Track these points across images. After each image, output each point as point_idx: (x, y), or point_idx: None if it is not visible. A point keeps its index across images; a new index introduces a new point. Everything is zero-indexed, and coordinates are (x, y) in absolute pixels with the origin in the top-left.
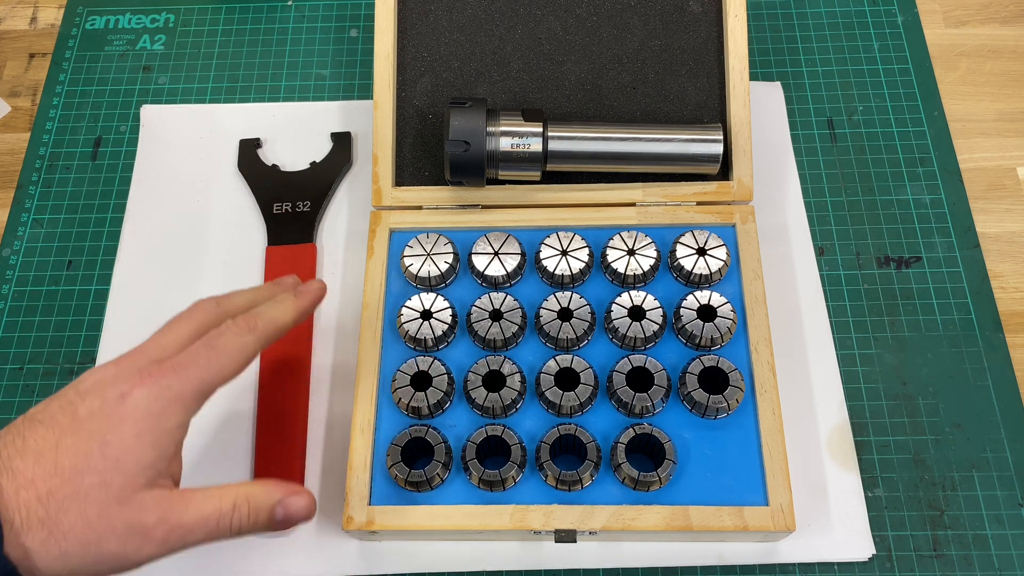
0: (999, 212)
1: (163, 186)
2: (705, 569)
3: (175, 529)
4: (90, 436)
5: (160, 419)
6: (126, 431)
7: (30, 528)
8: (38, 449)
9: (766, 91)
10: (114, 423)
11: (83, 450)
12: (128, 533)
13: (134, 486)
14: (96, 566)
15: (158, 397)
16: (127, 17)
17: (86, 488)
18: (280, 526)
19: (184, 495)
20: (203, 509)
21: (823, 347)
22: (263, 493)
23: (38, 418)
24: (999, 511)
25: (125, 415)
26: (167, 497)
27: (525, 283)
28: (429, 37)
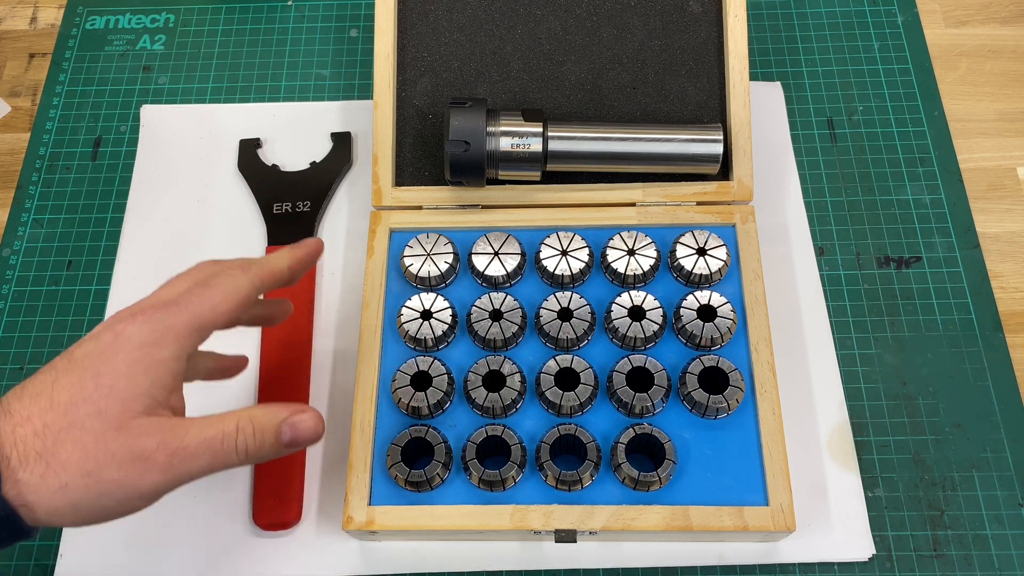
0: (999, 212)
1: (163, 186)
2: (705, 569)
3: (177, 453)
4: (83, 371)
5: (153, 349)
6: (119, 361)
7: (27, 462)
8: (35, 391)
9: (766, 91)
10: (107, 357)
11: (77, 383)
12: (128, 459)
13: (130, 412)
14: (100, 498)
15: (151, 330)
16: (127, 17)
17: (81, 418)
18: (288, 447)
19: (184, 421)
20: (205, 432)
21: (823, 347)
22: (266, 413)
23: (39, 369)
24: (999, 511)
25: (118, 348)
26: (166, 422)
27: (525, 283)
28: (429, 37)
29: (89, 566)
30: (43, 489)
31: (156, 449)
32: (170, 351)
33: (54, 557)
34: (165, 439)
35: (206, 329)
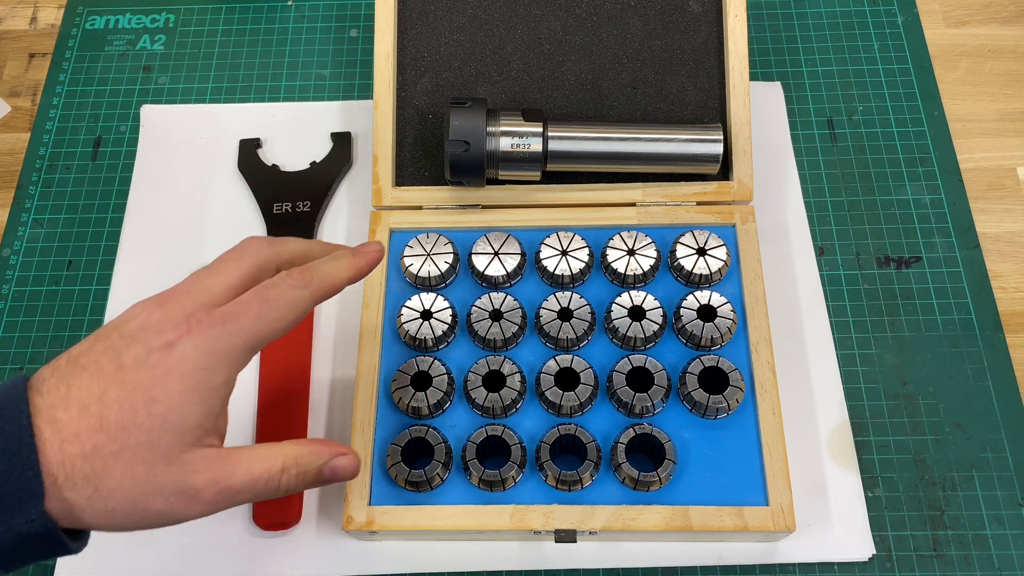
0: (999, 212)
1: (163, 186)
2: (705, 569)
3: (224, 491)
4: (136, 390)
5: (208, 375)
6: (172, 387)
7: (75, 484)
8: (82, 400)
9: (766, 91)
10: (160, 377)
11: (129, 405)
12: (176, 493)
13: (182, 445)
14: (141, 523)
15: (206, 351)
16: (127, 17)
17: (132, 447)
18: (324, 483)
19: (232, 456)
20: (252, 471)
21: (823, 347)
22: (310, 455)
23: (81, 361)
24: (999, 511)
25: (171, 368)
26: (215, 457)
27: (525, 283)
28: (429, 37)
29: (89, 566)
30: (88, 510)
31: (204, 487)
32: (223, 376)
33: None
34: (213, 477)
35: (260, 346)
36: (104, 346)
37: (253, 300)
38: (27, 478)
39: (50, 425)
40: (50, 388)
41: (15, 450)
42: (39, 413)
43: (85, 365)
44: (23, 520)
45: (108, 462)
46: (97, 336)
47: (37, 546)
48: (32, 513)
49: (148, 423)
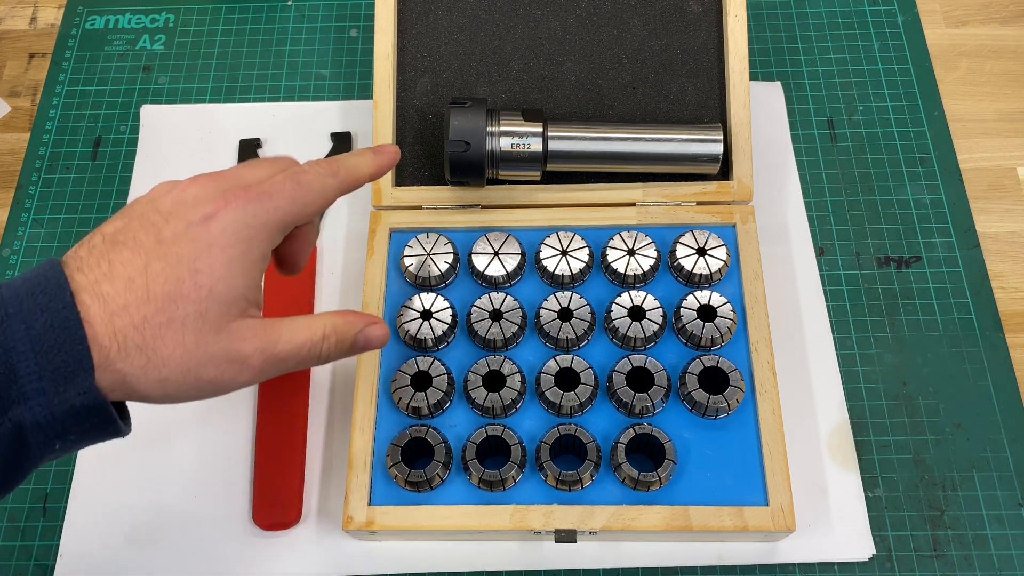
0: (999, 212)
1: None
2: (705, 569)
3: (270, 358)
4: (179, 262)
5: (248, 247)
6: (216, 258)
7: (128, 353)
8: (127, 274)
9: (766, 91)
10: (202, 248)
11: (174, 276)
12: (226, 361)
13: (228, 315)
14: (194, 391)
15: (245, 224)
16: (127, 17)
17: (182, 316)
18: (359, 351)
19: (276, 325)
20: (295, 339)
21: (823, 347)
22: (346, 324)
23: (119, 238)
24: (999, 511)
25: (213, 240)
26: (261, 326)
27: (525, 283)
28: (429, 37)
29: (89, 566)
30: (143, 379)
31: (252, 354)
32: (261, 250)
33: (54, 557)
34: (260, 344)
35: (292, 226)
36: (140, 222)
37: (287, 181)
38: (77, 351)
39: (97, 299)
40: (91, 265)
41: (62, 325)
42: (84, 289)
43: (123, 241)
44: (76, 392)
45: (159, 332)
46: (129, 213)
47: (90, 421)
48: (84, 385)
49: (195, 293)
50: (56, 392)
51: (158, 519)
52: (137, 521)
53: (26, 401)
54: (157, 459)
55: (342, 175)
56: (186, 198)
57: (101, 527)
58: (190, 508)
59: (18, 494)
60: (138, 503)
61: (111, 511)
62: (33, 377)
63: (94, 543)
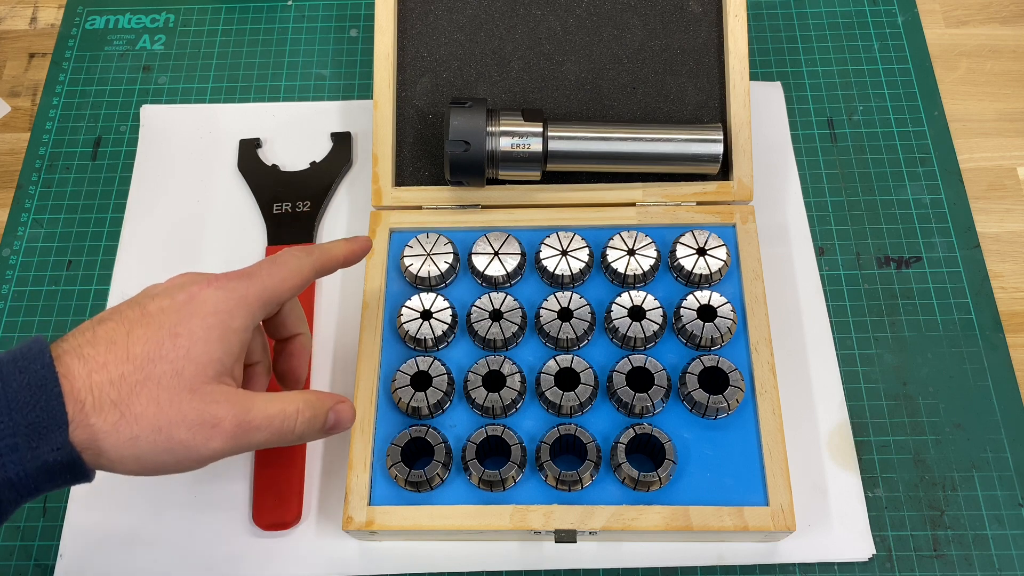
0: (999, 212)
1: (163, 186)
2: (705, 569)
3: (243, 425)
4: (160, 327)
5: (228, 317)
6: (195, 324)
7: (102, 409)
8: (109, 338)
9: (766, 91)
10: (184, 317)
11: (154, 339)
12: (198, 424)
13: (204, 377)
14: (164, 454)
15: (226, 298)
16: (127, 17)
17: (158, 375)
18: (329, 432)
19: (249, 394)
20: (268, 409)
21: (823, 347)
22: (318, 401)
23: (105, 316)
24: (999, 511)
25: (194, 310)
26: (235, 394)
27: (525, 283)
28: (429, 37)
29: (89, 566)
30: (114, 437)
31: (225, 417)
32: (241, 321)
33: (54, 557)
34: (233, 409)
35: (272, 303)
36: (128, 304)
37: (265, 263)
38: (52, 407)
39: (78, 359)
40: (76, 335)
41: (39, 384)
42: (67, 352)
43: (109, 317)
44: (50, 448)
45: (135, 388)
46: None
47: (62, 476)
48: (58, 442)
49: (173, 353)
50: (29, 448)
51: (158, 519)
52: (137, 521)
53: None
54: None
55: (316, 255)
56: (175, 281)
57: (101, 527)
58: (190, 508)
59: None
60: (138, 503)
61: (111, 511)
62: (6, 434)
63: (94, 543)
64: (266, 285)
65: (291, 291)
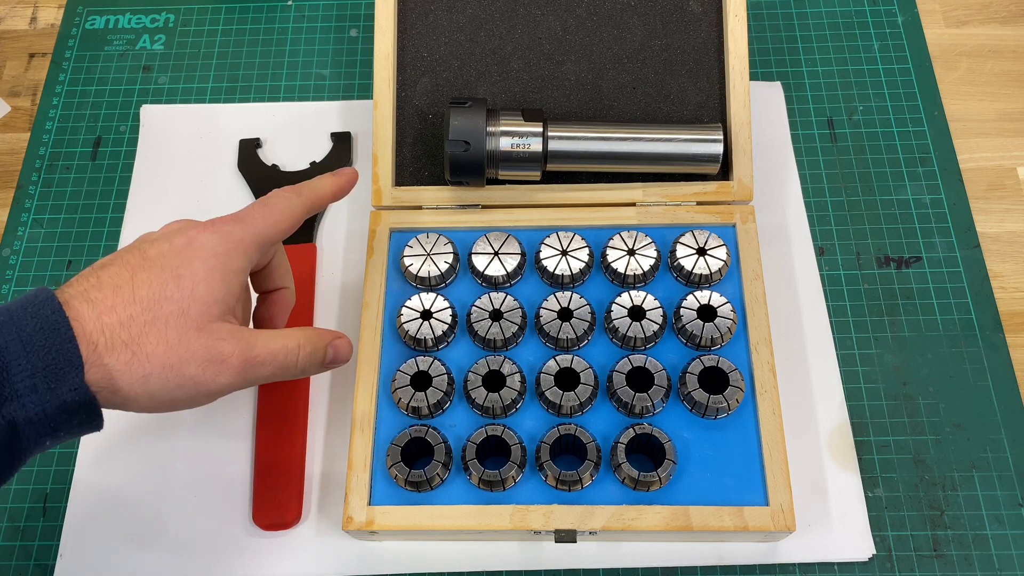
0: (999, 212)
1: (163, 186)
2: (705, 569)
3: (249, 360)
4: (163, 270)
5: (226, 259)
6: (197, 266)
7: (114, 348)
8: (114, 282)
9: (766, 91)
10: (184, 259)
11: (158, 281)
12: (207, 359)
13: (209, 315)
14: (176, 390)
15: (223, 240)
16: (127, 17)
17: (165, 315)
18: (328, 367)
19: (253, 331)
20: (272, 345)
21: (823, 347)
22: (317, 336)
23: (107, 262)
24: (999, 511)
25: (194, 253)
26: (239, 330)
27: (525, 283)
28: (429, 37)
29: (89, 566)
30: (127, 376)
31: (232, 353)
32: (239, 262)
33: (54, 557)
34: (239, 345)
35: (267, 244)
36: (128, 249)
37: (257, 206)
38: (67, 350)
39: (86, 303)
40: (80, 280)
41: (52, 328)
42: (74, 296)
43: (111, 262)
44: (67, 388)
45: (144, 328)
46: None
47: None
48: (75, 382)
49: (177, 294)
50: (48, 389)
51: (158, 519)
52: (137, 521)
53: (19, 398)
54: (157, 459)
55: (305, 194)
56: (171, 228)
57: (101, 527)
58: (190, 508)
59: (18, 494)
60: (138, 503)
61: (111, 511)
62: (25, 375)
63: (94, 543)
64: (259, 228)
65: (284, 232)
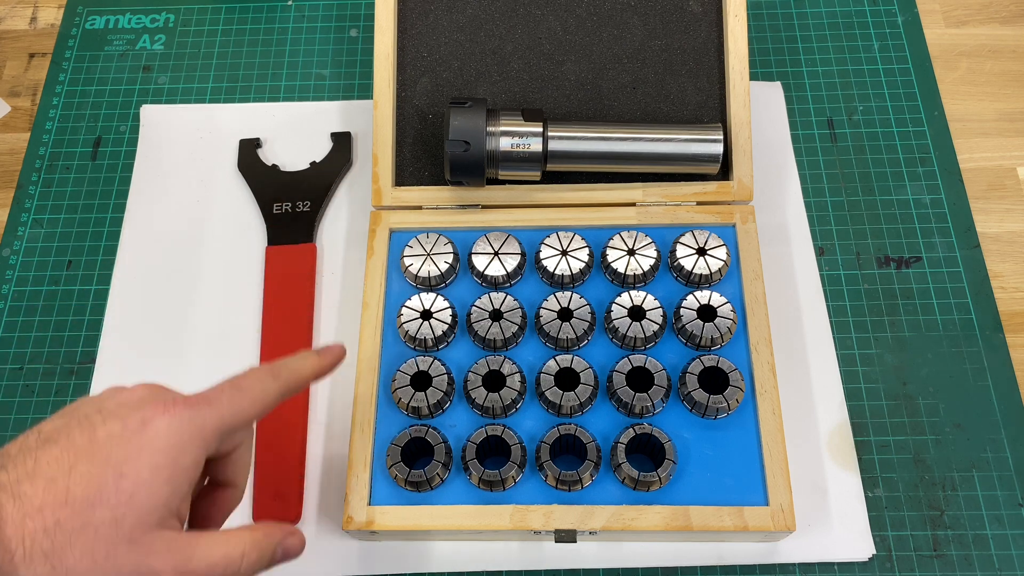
0: (999, 212)
1: (163, 186)
2: (705, 569)
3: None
4: (106, 464)
5: (179, 453)
6: (143, 463)
7: (32, 560)
8: (50, 474)
9: (766, 91)
10: (132, 452)
11: (97, 479)
12: None
13: (145, 525)
14: None
15: (179, 430)
16: (127, 17)
17: (96, 523)
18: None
19: (192, 539)
20: (212, 555)
21: (823, 347)
22: (265, 538)
23: (53, 436)
24: (999, 511)
25: (144, 444)
26: (177, 540)
27: (525, 283)
28: (429, 37)
29: None
30: None
31: (164, 569)
32: (192, 457)
33: None
34: (174, 560)
35: (230, 431)
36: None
37: (227, 387)
38: None
39: (13, 499)
40: (16, 462)
41: None
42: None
43: (56, 439)
44: None
45: (70, 538)
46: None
47: None
48: None
49: (115, 499)
50: None
51: None
52: None
53: None
54: None
55: (283, 377)
56: (131, 400)
57: None
58: None
59: None
60: None
61: None
62: None
63: None
64: (224, 415)
65: (252, 419)
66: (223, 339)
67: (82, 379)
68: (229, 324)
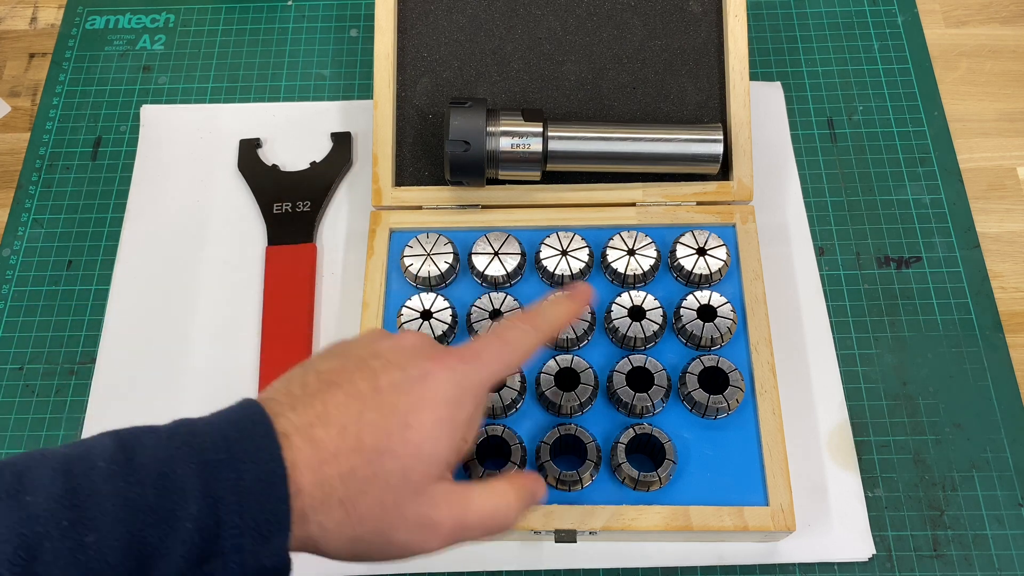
0: (999, 212)
1: (163, 186)
2: (705, 569)
3: (460, 526)
4: (392, 413)
5: (457, 408)
6: (426, 416)
7: (328, 506)
8: (341, 420)
9: (766, 91)
10: (415, 403)
11: (384, 429)
12: (418, 526)
13: (429, 477)
14: (379, 554)
15: (456, 384)
16: (127, 17)
17: (386, 472)
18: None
19: (467, 491)
20: (485, 507)
21: (823, 347)
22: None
23: (335, 379)
24: (999, 511)
25: (426, 397)
26: (454, 492)
27: (525, 283)
28: (429, 37)
29: None
30: (335, 536)
31: (444, 520)
32: (467, 412)
33: None
34: (453, 511)
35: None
36: (358, 365)
37: (494, 341)
38: (280, 511)
39: (308, 443)
40: (304, 404)
41: (268, 479)
42: (296, 431)
43: (339, 383)
44: (268, 553)
45: (363, 486)
46: (345, 353)
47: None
48: (278, 546)
49: (403, 450)
50: (252, 551)
51: None
52: None
53: (222, 556)
54: None
55: (544, 328)
56: (405, 346)
57: None
58: None
59: None
60: None
61: None
62: (235, 533)
63: None
64: (495, 370)
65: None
66: (223, 339)
67: (82, 379)
68: (229, 324)
